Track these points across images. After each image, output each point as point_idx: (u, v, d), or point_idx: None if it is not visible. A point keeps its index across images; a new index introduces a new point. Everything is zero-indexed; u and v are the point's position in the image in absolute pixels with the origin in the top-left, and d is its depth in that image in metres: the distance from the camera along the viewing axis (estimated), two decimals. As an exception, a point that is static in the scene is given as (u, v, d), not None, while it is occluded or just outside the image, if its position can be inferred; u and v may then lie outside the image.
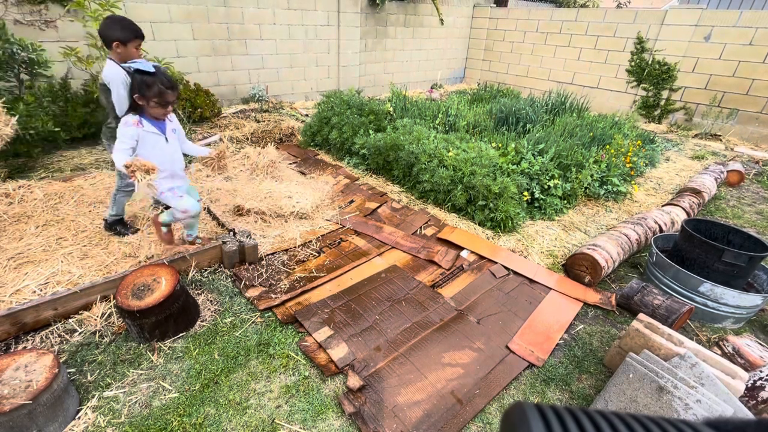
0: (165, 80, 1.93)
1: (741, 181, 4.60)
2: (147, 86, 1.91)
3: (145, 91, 1.92)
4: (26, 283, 2.21)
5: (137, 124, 1.97)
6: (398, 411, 1.76)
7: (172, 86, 1.97)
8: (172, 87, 1.97)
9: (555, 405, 0.32)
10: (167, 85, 1.95)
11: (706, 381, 1.59)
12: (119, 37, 2.21)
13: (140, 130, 1.99)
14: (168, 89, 1.96)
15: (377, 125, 4.67)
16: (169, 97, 1.98)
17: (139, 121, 1.98)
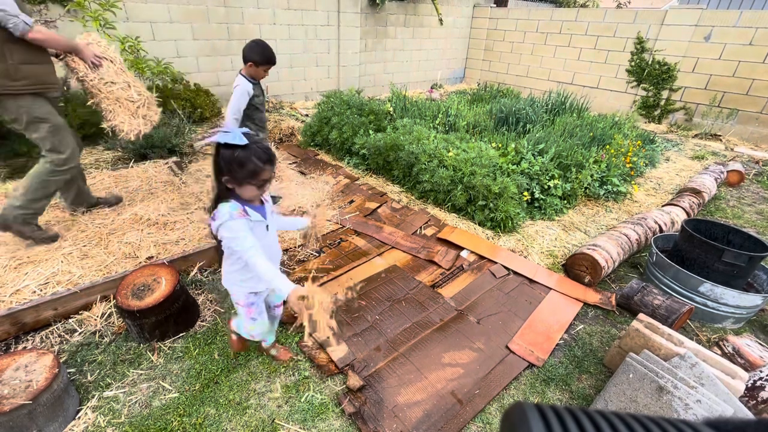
0: (261, 152, 1.40)
1: (741, 181, 4.60)
2: (239, 164, 1.38)
3: (237, 172, 1.39)
4: (26, 283, 2.21)
5: (243, 214, 1.44)
6: (398, 411, 1.76)
7: (269, 158, 1.42)
8: (269, 160, 1.42)
9: (555, 405, 0.32)
10: (264, 158, 1.40)
11: (706, 381, 1.59)
12: (255, 59, 2.63)
13: (248, 221, 1.46)
14: (266, 164, 1.41)
15: (377, 125, 4.67)
16: (266, 174, 1.44)
17: (244, 210, 1.45)
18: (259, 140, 1.44)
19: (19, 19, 2.02)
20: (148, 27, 5.04)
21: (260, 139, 1.59)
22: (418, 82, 9.03)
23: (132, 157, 4.00)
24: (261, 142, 1.45)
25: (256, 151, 1.39)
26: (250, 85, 2.70)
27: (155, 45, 5.14)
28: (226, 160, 1.39)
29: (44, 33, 2.11)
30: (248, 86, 2.68)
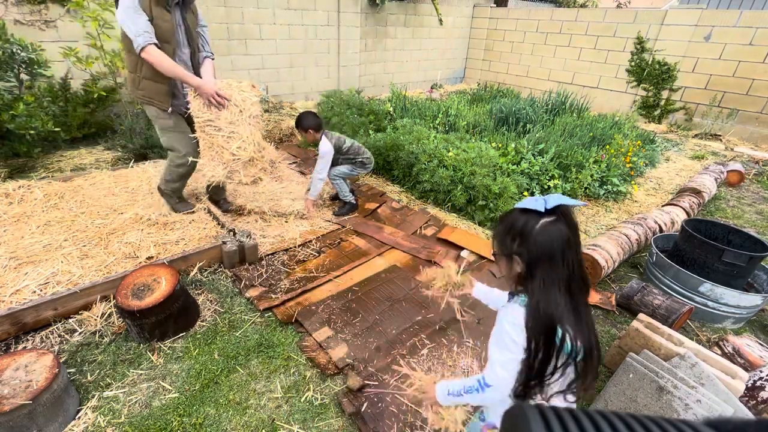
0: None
1: (741, 181, 4.60)
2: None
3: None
4: (26, 283, 2.21)
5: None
6: (398, 411, 1.76)
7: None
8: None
9: (555, 405, 0.32)
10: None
11: (706, 381, 1.59)
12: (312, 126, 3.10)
13: None
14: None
15: (377, 125, 4.66)
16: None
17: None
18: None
19: (140, 38, 2.23)
20: (148, 27, 5.04)
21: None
22: (418, 82, 9.02)
23: (132, 157, 4.00)
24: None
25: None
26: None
27: (155, 45, 5.14)
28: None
29: (153, 56, 2.28)
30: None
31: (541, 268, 0.93)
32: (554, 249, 0.91)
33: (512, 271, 1.00)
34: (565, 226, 0.92)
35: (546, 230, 0.91)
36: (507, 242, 0.98)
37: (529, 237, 0.93)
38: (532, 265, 0.94)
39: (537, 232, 0.92)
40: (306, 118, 3.08)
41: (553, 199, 0.92)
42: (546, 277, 0.92)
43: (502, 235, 1.00)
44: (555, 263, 0.92)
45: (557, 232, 0.91)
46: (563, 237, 0.91)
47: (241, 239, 2.61)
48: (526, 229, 0.93)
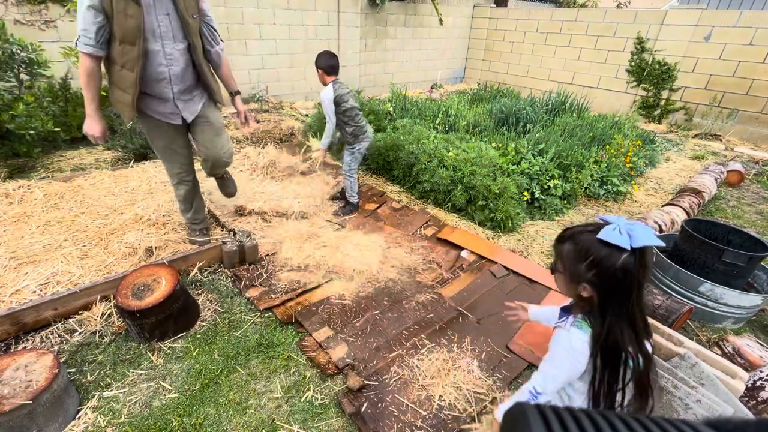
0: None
1: (741, 181, 4.60)
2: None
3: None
4: (26, 283, 2.21)
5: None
6: (398, 411, 1.76)
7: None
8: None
9: (555, 405, 0.32)
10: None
11: (706, 381, 1.59)
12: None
13: None
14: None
15: (377, 125, 4.66)
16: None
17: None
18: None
19: (77, 41, 1.91)
20: (148, 27, 5.04)
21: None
22: (418, 82, 9.02)
23: (132, 157, 4.00)
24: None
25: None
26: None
27: (155, 45, 5.14)
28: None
29: (80, 65, 1.91)
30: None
31: (613, 302, 0.93)
32: (630, 287, 0.91)
33: (574, 293, 0.99)
34: (642, 268, 0.90)
35: (627, 269, 0.89)
36: (579, 268, 0.95)
37: (607, 271, 0.91)
38: (605, 298, 0.94)
39: (617, 269, 0.90)
40: (321, 56, 2.99)
41: (639, 237, 0.88)
42: (618, 312, 0.93)
43: (573, 259, 0.97)
44: (626, 300, 0.92)
45: (635, 272, 0.90)
46: (642, 276, 0.91)
47: (241, 239, 2.61)
48: (606, 263, 0.90)
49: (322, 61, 2.98)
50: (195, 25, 2.03)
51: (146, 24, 1.85)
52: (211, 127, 2.33)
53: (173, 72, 2.03)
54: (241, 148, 4.53)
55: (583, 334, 0.98)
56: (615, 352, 0.94)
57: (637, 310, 0.95)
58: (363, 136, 3.22)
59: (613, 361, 0.95)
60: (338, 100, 3.01)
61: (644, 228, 0.90)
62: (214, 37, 2.21)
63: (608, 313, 0.94)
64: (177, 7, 1.93)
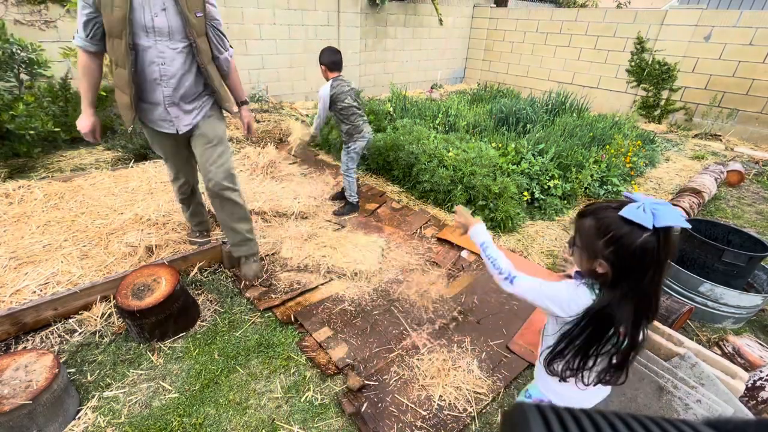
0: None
1: (741, 181, 4.60)
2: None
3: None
4: (26, 283, 2.21)
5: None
6: (398, 411, 1.76)
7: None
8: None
9: (555, 405, 0.32)
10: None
11: (706, 381, 1.59)
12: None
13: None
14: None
15: (377, 125, 4.66)
16: None
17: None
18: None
19: (74, 39, 1.91)
20: (148, 27, 5.04)
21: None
22: (418, 82, 9.02)
23: (132, 157, 4.00)
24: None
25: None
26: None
27: (155, 45, 5.14)
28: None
29: (78, 63, 1.91)
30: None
31: (627, 280, 0.92)
32: (648, 267, 0.89)
33: (590, 267, 0.98)
34: (664, 249, 0.87)
35: (647, 248, 0.87)
36: (597, 243, 0.93)
37: (626, 249, 0.88)
38: (621, 275, 0.92)
39: (637, 248, 0.87)
40: (324, 52, 2.98)
41: (663, 217, 0.85)
42: (628, 290, 0.92)
43: (592, 234, 0.94)
44: (641, 280, 0.91)
45: (655, 253, 0.87)
46: (660, 259, 0.89)
47: (241, 239, 2.61)
48: (626, 241, 0.88)
49: (324, 57, 2.98)
50: (199, 23, 1.88)
51: (135, 17, 1.73)
52: (204, 137, 2.15)
53: (165, 72, 1.87)
54: (241, 148, 4.53)
55: (589, 295, 0.98)
56: (605, 324, 0.94)
57: (651, 291, 0.93)
58: (358, 136, 3.20)
59: (597, 330, 0.95)
60: (335, 98, 3.01)
61: (670, 208, 0.86)
62: (222, 42, 2.07)
63: (619, 288, 0.93)
64: (177, 2, 1.79)
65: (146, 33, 1.78)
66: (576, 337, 0.97)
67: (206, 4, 1.90)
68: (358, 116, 3.17)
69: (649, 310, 0.96)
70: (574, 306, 0.99)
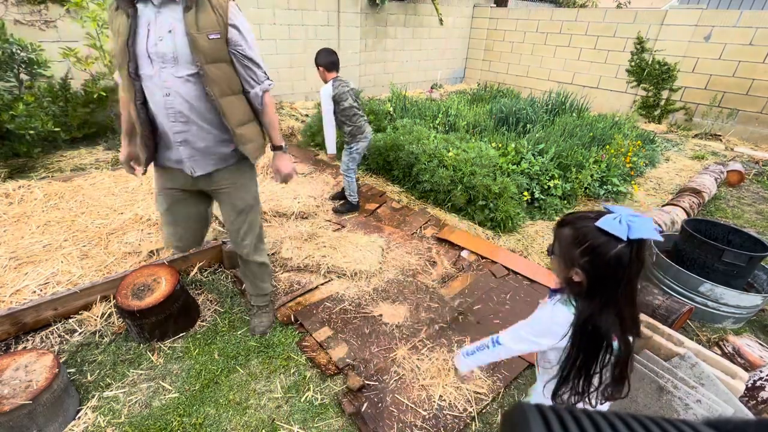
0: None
1: (741, 181, 4.60)
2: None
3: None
4: (26, 283, 2.21)
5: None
6: (398, 411, 1.76)
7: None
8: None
9: (555, 405, 0.32)
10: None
11: (706, 381, 1.59)
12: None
13: None
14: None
15: (377, 125, 4.67)
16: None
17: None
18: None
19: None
20: (148, 27, 5.04)
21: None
22: (418, 82, 9.02)
23: (132, 157, 4.00)
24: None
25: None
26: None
27: (155, 45, 5.13)
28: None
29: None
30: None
31: (603, 290, 0.94)
32: (621, 277, 0.91)
33: (566, 276, 1.00)
34: (638, 260, 0.90)
35: (621, 259, 0.89)
36: (573, 252, 0.96)
37: (601, 259, 0.91)
38: (595, 285, 0.95)
39: (611, 258, 0.90)
40: (319, 54, 2.99)
41: (637, 229, 0.87)
42: (606, 300, 0.94)
43: (568, 242, 0.97)
44: (615, 289, 0.93)
45: (629, 264, 0.90)
46: (634, 269, 0.91)
47: (241, 239, 2.61)
48: (601, 251, 0.90)
49: (321, 58, 2.97)
50: (212, 47, 1.52)
51: (138, 43, 1.47)
52: (233, 207, 1.88)
53: (171, 104, 1.55)
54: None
55: (567, 311, 0.99)
56: (595, 337, 0.95)
57: (626, 302, 0.95)
58: (361, 137, 3.21)
59: (591, 345, 0.96)
60: (337, 98, 3.00)
61: (646, 221, 0.89)
62: (251, 74, 1.70)
63: (596, 298, 0.95)
64: (185, 22, 1.46)
65: (149, 60, 1.50)
66: (575, 358, 0.98)
67: (228, 27, 1.54)
68: (360, 116, 3.17)
69: (630, 319, 0.97)
70: (557, 328, 1.00)
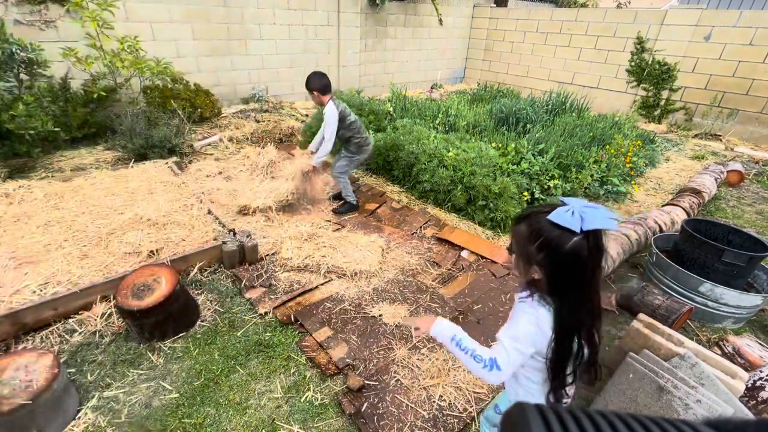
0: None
1: (741, 181, 4.60)
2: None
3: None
4: (26, 283, 2.21)
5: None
6: (398, 411, 1.76)
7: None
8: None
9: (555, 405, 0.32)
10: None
11: (706, 381, 1.59)
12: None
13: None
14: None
15: (377, 125, 4.66)
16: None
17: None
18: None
19: None
20: (148, 27, 5.04)
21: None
22: (418, 82, 9.02)
23: (132, 157, 4.00)
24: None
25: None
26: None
27: (155, 45, 5.14)
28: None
29: None
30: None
31: (565, 284, 0.93)
32: (582, 271, 0.90)
33: (528, 273, 0.98)
34: (596, 250, 0.88)
35: (576, 252, 0.87)
36: (529, 248, 0.93)
37: (556, 253, 0.89)
38: (557, 280, 0.93)
39: (567, 252, 0.87)
40: (312, 79, 2.99)
41: (591, 220, 0.85)
42: (572, 295, 0.93)
43: (524, 238, 0.94)
44: (579, 284, 0.92)
45: (586, 255, 0.87)
46: (592, 261, 0.89)
47: (241, 239, 2.61)
48: (555, 244, 0.88)
49: (315, 83, 2.99)
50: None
51: None
52: None
53: None
54: (241, 148, 4.53)
55: (547, 314, 0.96)
56: (572, 335, 0.94)
57: (591, 294, 0.94)
58: (366, 147, 3.31)
59: (569, 342, 0.95)
60: (342, 116, 3.08)
61: (600, 211, 0.86)
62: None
63: (566, 296, 0.92)
64: None
65: None
66: (562, 356, 0.97)
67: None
68: (363, 128, 3.29)
69: (593, 313, 0.96)
70: (544, 335, 0.96)
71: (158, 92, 4.85)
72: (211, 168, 3.92)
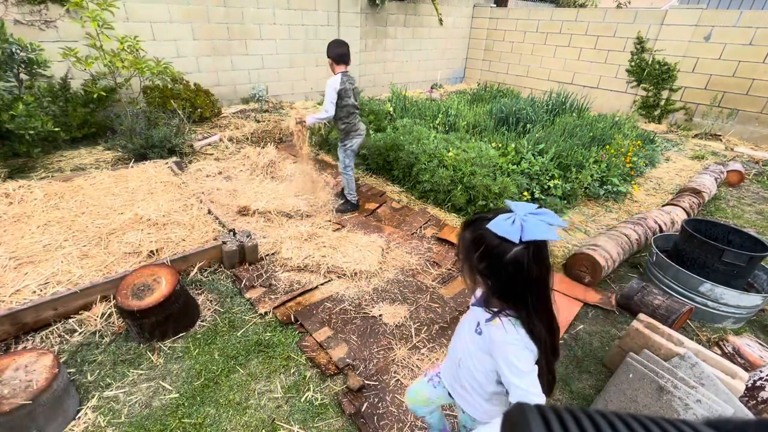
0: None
1: (741, 181, 4.60)
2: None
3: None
4: (26, 283, 2.21)
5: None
6: (398, 411, 1.76)
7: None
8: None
9: (555, 405, 0.32)
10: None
11: (706, 381, 1.59)
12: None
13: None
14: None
15: (377, 125, 4.66)
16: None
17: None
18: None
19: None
20: (148, 26, 5.04)
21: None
22: (418, 82, 9.02)
23: (132, 157, 4.00)
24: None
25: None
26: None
27: (155, 45, 5.14)
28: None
29: None
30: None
31: (514, 295, 0.89)
32: (526, 282, 0.85)
33: (475, 283, 0.94)
34: (536, 263, 0.84)
35: (519, 262, 0.83)
36: (472, 257, 0.89)
37: (499, 263, 0.85)
38: (503, 291, 0.89)
39: (509, 262, 0.83)
40: (329, 46, 2.99)
41: (530, 230, 0.80)
42: (525, 305, 0.89)
43: (467, 245, 0.90)
44: (528, 295, 0.88)
45: (528, 265, 0.83)
46: (534, 273, 0.85)
47: (241, 239, 2.61)
48: (495, 253, 0.84)
49: (330, 50, 2.99)
50: None
51: None
52: None
53: None
54: (241, 148, 4.53)
55: (523, 331, 0.90)
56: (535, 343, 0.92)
57: (542, 303, 0.89)
58: (354, 134, 3.26)
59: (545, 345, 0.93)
60: (341, 93, 3.02)
61: (540, 221, 0.81)
62: None
63: (520, 306, 0.89)
64: None
65: None
66: (540, 375, 0.94)
67: None
68: (356, 115, 3.22)
69: (550, 323, 0.92)
70: (530, 351, 0.92)
71: (158, 92, 4.86)
72: (211, 168, 3.93)
